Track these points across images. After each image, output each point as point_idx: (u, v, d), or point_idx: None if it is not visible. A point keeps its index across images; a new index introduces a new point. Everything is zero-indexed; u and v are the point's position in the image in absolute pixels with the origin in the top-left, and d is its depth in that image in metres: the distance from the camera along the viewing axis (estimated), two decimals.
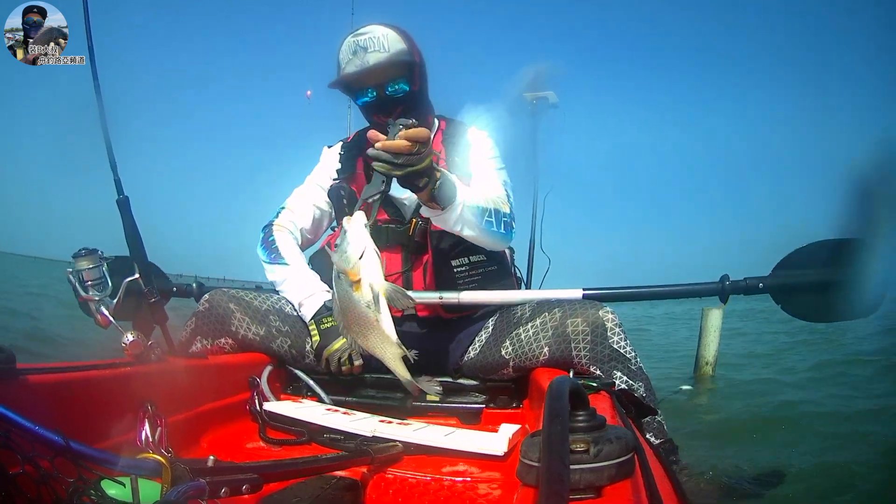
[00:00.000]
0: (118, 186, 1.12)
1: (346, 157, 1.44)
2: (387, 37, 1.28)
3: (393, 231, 1.34)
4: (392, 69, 1.28)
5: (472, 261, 1.32)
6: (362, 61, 1.28)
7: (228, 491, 0.51)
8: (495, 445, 0.85)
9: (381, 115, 1.32)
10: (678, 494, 0.45)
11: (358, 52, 1.28)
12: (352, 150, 1.44)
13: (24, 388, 0.65)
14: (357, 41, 1.28)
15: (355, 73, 1.28)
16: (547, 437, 0.39)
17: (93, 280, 0.97)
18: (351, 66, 1.29)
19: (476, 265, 1.32)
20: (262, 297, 1.34)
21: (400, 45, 1.29)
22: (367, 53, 1.27)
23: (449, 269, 1.31)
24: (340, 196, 1.40)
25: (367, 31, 1.29)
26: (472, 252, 1.32)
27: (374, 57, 1.27)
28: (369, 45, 1.27)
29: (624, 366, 1.11)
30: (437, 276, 1.31)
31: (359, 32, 1.29)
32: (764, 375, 3.81)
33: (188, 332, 1.28)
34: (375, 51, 1.27)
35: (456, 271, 1.31)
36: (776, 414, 2.36)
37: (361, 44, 1.28)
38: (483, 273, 1.32)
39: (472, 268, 1.32)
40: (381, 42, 1.28)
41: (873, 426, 1.96)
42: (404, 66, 1.30)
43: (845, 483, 1.43)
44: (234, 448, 0.99)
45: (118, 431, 0.74)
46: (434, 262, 1.31)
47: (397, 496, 0.79)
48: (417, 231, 1.32)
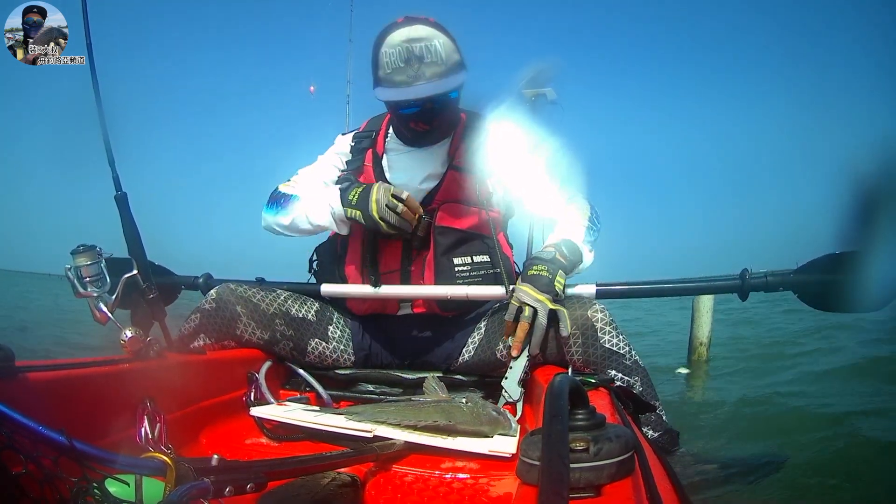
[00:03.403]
0: (116, 183, 1.12)
1: (356, 148, 1.41)
2: (444, 47, 1.19)
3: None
4: (448, 86, 1.21)
5: (474, 261, 1.29)
6: (416, 73, 1.19)
7: (233, 490, 0.51)
8: (505, 447, 0.83)
9: (422, 123, 1.28)
10: (678, 493, 0.45)
11: (412, 62, 1.18)
12: (363, 141, 1.41)
13: (23, 386, 0.65)
14: (411, 48, 1.18)
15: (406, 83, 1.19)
16: (547, 436, 0.39)
17: (91, 276, 0.97)
18: (400, 74, 1.19)
19: (479, 266, 1.29)
20: (270, 298, 1.30)
21: (455, 55, 1.22)
22: (423, 65, 1.18)
23: (450, 267, 1.28)
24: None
25: (422, 37, 1.18)
26: (476, 252, 1.30)
27: (430, 71, 1.19)
28: (425, 55, 1.18)
29: (618, 363, 1.11)
30: (437, 273, 1.29)
31: (413, 36, 1.18)
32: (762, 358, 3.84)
33: (191, 328, 1.24)
34: (433, 63, 1.18)
35: (457, 270, 1.28)
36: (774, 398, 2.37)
37: (416, 52, 1.18)
38: (483, 275, 1.29)
39: (473, 268, 1.29)
40: (438, 53, 1.18)
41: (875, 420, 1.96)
42: (459, 80, 1.23)
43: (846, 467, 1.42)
44: (234, 445, 0.99)
45: (118, 428, 0.74)
46: (435, 258, 1.29)
47: (397, 492, 0.79)
48: (421, 226, 1.29)
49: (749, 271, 1.23)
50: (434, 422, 0.91)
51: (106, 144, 1.10)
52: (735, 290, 1.24)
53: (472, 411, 0.92)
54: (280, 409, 1.07)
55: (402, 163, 1.37)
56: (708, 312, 4.29)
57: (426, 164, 1.35)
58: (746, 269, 1.23)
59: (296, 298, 1.34)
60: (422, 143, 1.35)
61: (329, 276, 1.39)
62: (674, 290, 1.36)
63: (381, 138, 1.40)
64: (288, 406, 1.11)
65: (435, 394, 1.04)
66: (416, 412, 0.94)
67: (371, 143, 1.40)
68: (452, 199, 1.31)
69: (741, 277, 1.23)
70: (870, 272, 1.05)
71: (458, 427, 0.90)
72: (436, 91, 1.20)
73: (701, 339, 4.30)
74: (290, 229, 1.35)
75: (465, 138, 1.34)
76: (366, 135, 1.42)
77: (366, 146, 1.40)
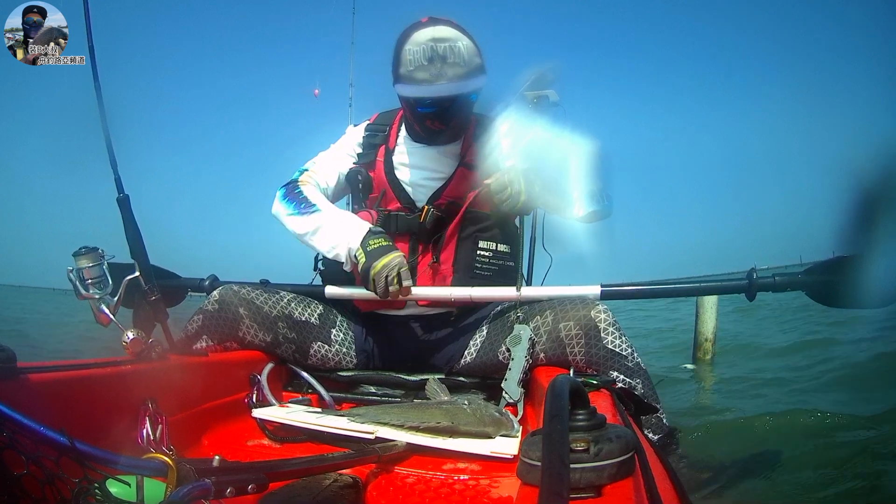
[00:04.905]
0: (118, 185, 1.12)
1: (368, 142, 1.42)
2: (468, 49, 1.21)
3: (403, 219, 1.32)
4: (468, 88, 1.23)
5: (498, 249, 1.29)
6: (438, 72, 1.20)
7: (234, 491, 0.51)
8: (506, 448, 0.84)
9: (438, 122, 1.28)
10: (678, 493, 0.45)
11: (434, 61, 1.20)
12: (376, 136, 1.42)
13: (25, 387, 0.65)
14: (435, 48, 1.20)
15: (428, 82, 1.21)
16: (547, 437, 0.39)
17: (93, 278, 0.97)
18: (423, 72, 1.21)
19: (500, 255, 1.29)
20: (273, 300, 1.30)
21: (477, 59, 1.24)
22: (446, 65, 1.20)
23: (472, 249, 1.28)
24: (357, 181, 1.39)
25: (447, 38, 1.20)
26: (501, 241, 1.30)
27: (452, 72, 1.20)
28: (448, 55, 1.20)
29: (621, 364, 1.11)
30: (457, 255, 1.28)
31: (437, 37, 1.20)
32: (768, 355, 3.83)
33: (194, 329, 1.24)
34: (455, 64, 1.20)
35: (478, 254, 1.28)
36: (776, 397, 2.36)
37: (440, 52, 1.20)
38: (500, 267, 1.29)
39: (494, 256, 1.29)
40: (462, 54, 1.21)
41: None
42: (479, 83, 1.25)
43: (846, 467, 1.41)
44: (236, 446, 0.99)
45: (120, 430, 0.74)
46: (459, 240, 1.28)
47: (398, 494, 0.79)
48: (429, 219, 1.29)
49: (756, 271, 1.22)
50: (437, 423, 0.91)
51: (108, 146, 1.10)
52: (743, 291, 1.23)
53: (475, 412, 0.92)
54: (282, 410, 1.08)
55: (412, 159, 1.38)
56: (713, 308, 4.31)
57: (436, 161, 1.37)
58: (754, 269, 1.22)
59: (299, 301, 1.34)
60: (435, 142, 1.36)
61: (334, 274, 1.38)
62: (680, 290, 1.35)
63: (394, 134, 1.42)
64: (290, 408, 1.11)
65: (437, 395, 1.04)
66: (419, 414, 0.94)
67: (384, 139, 1.41)
68: (460, 197, 1.31)
69: (749, 278, 1.21)
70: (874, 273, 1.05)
71: (460, 428, 0.90)
72: (456, 91, 1.22)
73: (706, 336, 4.31)
74: (298, 237, 1.31)
75: (475, 139, 1.35)
76: (379, 129, 1.43)
77: (379, 141, 1.41)
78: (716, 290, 1.25)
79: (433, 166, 1.36)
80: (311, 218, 1.28)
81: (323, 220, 1.27)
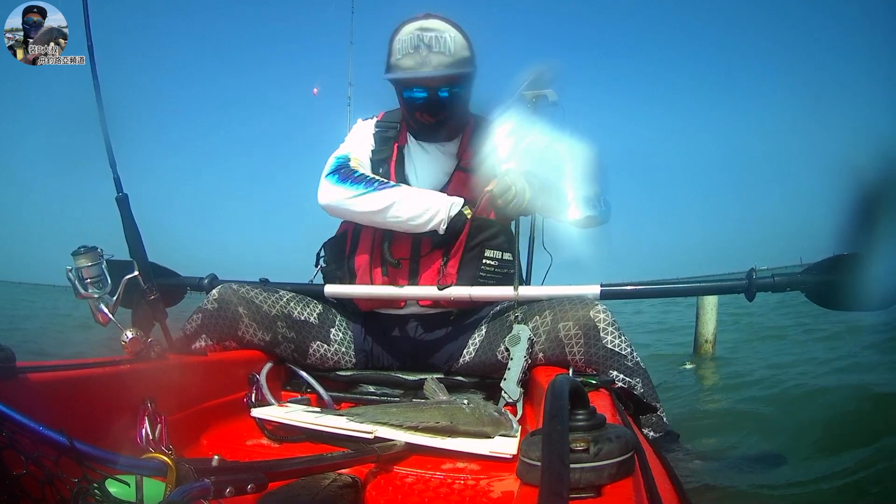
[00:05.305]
0: (117, 184, 1.12)
1: (382, 136, 1.42)
2: (454, 40, 1.24)
3: None
4: (452, 75, 1.25)
5: (503, 258, 1.30)
6: (423, 59, 1.24)
7: (233, 490, 0.51)
8: (505, 447, 0.83)
9: (427, 115, 1.30)
10: (678, 493, 0.45)
11: (420, 49, 1.23)
12: (388, 131, 1.42)
13: (24, 387, 0.65)
14: (422, 36, 1.23)
15: (413, 70, 1.24)
16: (547, 436, 0.39)
17: (92, 277, 0.97)
18: (409, 59, 1.25)
19: (504, 263, 1.30)
20: (272, 299, 1.30)
21: (465, 51, 1.26)
22: (431, 53, 1.23)
23: (478, 258, 1.29)
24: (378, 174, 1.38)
25: (434, 28, 1.24)
26: (506, 249, 1.31)
27: (436, 59, 1.23)
28: (434, 44, 1.23)
29: (620, 363, 1.11)
30: (462, 265, 1.28)
31: (425, 27, 1.24)
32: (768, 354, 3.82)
33: (193, 328, 1.24)
34: (440, 52, 1.23)
35: (483, 263, 1.29)
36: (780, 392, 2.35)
37: (426, 40, 1.23)
38: (504, 274, 1.30)
39: (499, 265, 1.30)
40: (448, 44, 1.23)
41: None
42: (464, 74, 1.27)
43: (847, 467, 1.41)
44: (235, 446, 0.99)
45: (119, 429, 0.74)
46: (465, 249, 1.28)
47: (397, 493, 0.79)
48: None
49: (756, 271, 1.22)
50: (436, 423, 0.91)
51: (107, 145, 1.10)
52: (742, 291, 1.22)
53: (474, 412, 0.92)
54: (281, 410, 1.08)
55: (416, 158, 1.39)
56: (713, 309, 4.32)
57: (439, 162, 1.38)
58: (753, 269, 1.22)
59: (299, 300, 1.34)
60: (429, 138, 1.37)
61: (336, 271, 1.38)
62: (679, 290, 1.35)
63: (405, 131, 1.43)
64: (289, 407, 1.11)
65: (436, 395, 1.04)
66: (418, 413, 0.94)
67: (396, 135, 1.42)
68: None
69: (748, 278, 1.21)
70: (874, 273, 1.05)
71: (459, 428, 0.90)
72: (437, 75, 1.24)
73: (706, 336, 4.32)
74: (370, 214, 1.26)
75: (472, 141, 1.36)
76: (390, 125, 1.44)
77: (391, 136, 1.41)
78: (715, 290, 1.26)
79: (434, 166, 1.37)
80: (390, 191, 1.25)
81: (404, 191, 1.26)
